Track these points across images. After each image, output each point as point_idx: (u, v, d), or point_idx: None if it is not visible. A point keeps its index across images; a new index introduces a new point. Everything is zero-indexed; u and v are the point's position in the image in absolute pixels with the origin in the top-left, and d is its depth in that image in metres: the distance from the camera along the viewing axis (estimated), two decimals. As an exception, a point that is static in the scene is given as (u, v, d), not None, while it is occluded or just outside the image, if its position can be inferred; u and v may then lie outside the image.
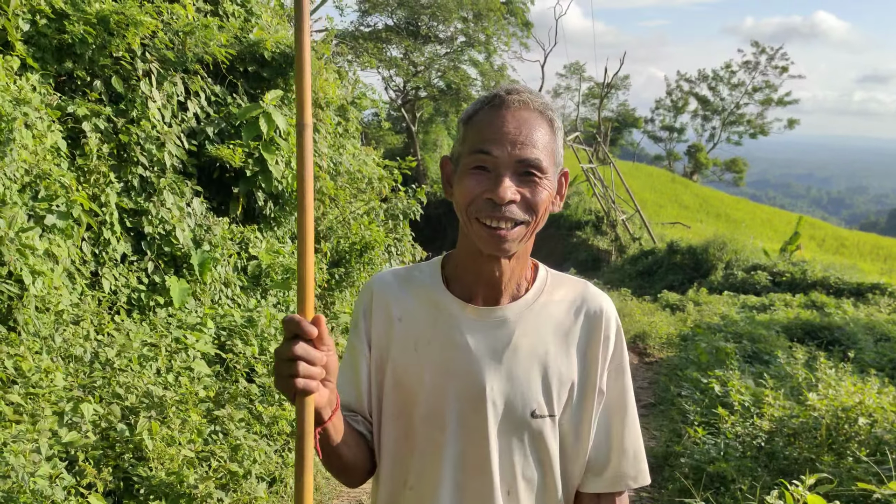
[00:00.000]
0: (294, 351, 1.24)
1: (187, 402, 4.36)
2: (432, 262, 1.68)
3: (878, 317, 15.18)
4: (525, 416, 1.53)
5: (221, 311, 6.35)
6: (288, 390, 1.26)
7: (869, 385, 5.45)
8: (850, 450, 4.53)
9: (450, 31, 37.92)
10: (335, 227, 8.89)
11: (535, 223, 1.49)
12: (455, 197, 1.52)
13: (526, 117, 1.48)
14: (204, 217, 7.01)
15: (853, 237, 40.21)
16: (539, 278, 1.63)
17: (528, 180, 1.46)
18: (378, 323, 1.61)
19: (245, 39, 7.88)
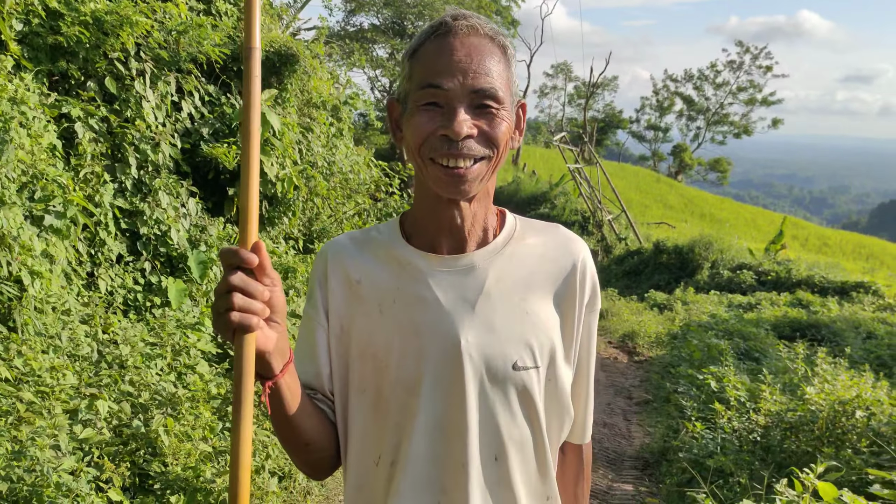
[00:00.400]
0: (231, 281, 1.10)
1: (198, 400, 4.40)
2: (390, 221, 1.54)
3: (863, 315, 15.34)
4: (506, 369, 1.39)
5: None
6: (225, 328, 1.11)
7: (864, 379, 5.54)
8: (849, 441, 4.61)
9: None
10: (328, 228, 8.91)
11: (497, 159, 1.37)
12: (406, 139, 1.40)
13: (476, 44, 1.35)
14: (199, 217, 7.00)
15: (836, 236, 40.59)
16: (507, 224, 1.51)
17: (485, 112, 1.34)
18: (335, 289, 1.46)
19: (238, 38, 7.87)
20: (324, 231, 8.91)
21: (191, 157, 7.19)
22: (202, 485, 3.81)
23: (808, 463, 3.54)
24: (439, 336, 1.39)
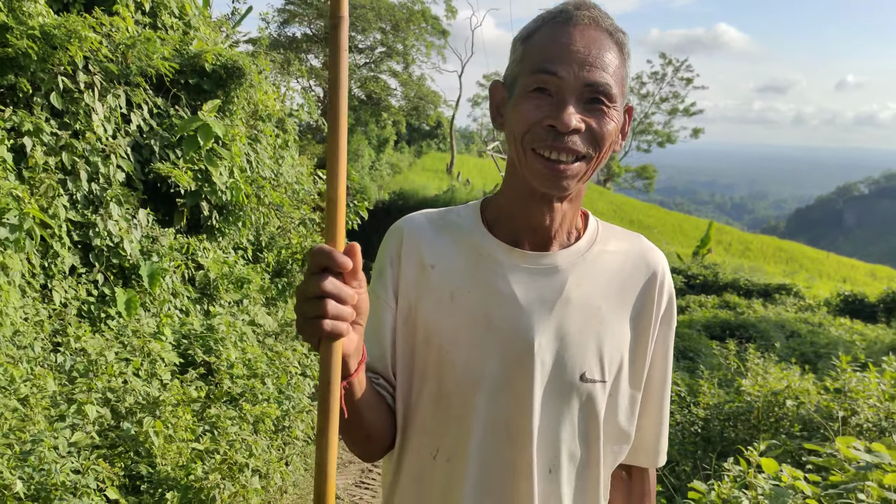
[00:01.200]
0: (323, 287, 1.03)
1: (180, 404, 4.54)
2: (470, 205, 1.48)
3: (787, 315, 16.09)
4: (574, 379, 1.33)
5: (179, 320, 6.45)
6: (313, 334, 1.05)
7: (792, 372, 5.97)
8: (783, 427, 4.99)
9: (369, 41, 38.10)
10: (276, 238, 9.03)
11: (598, 159, 1.30)
12: (509, 124, 1.33)
13: (596, 36, 1.28)
14: (150, 228, 7.06)
15: (757, 241, 41.92)
16: (590, 227, 1.45)
17: (595, 108, 1.27)
18: (407, 270, 1.39)
19: (185, 52, 7.97)
20: (272, 241, 9.01)
21: (142, 168, 7.24)
22: (192, 482, 3.96)
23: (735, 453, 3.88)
24: (512, 334, 1.33)
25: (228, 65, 8.02)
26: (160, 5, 8.08)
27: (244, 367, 5.65)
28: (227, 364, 5.62)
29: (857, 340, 12.82)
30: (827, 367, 8.41)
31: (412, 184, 35.19)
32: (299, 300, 1.06)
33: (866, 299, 18.15)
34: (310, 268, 1.06)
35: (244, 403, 5.08)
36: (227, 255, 8.03)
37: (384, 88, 38.10)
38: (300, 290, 1.06)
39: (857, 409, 4.64)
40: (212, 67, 7.90)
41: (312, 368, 6.57)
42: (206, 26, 9.10)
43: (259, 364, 5.78)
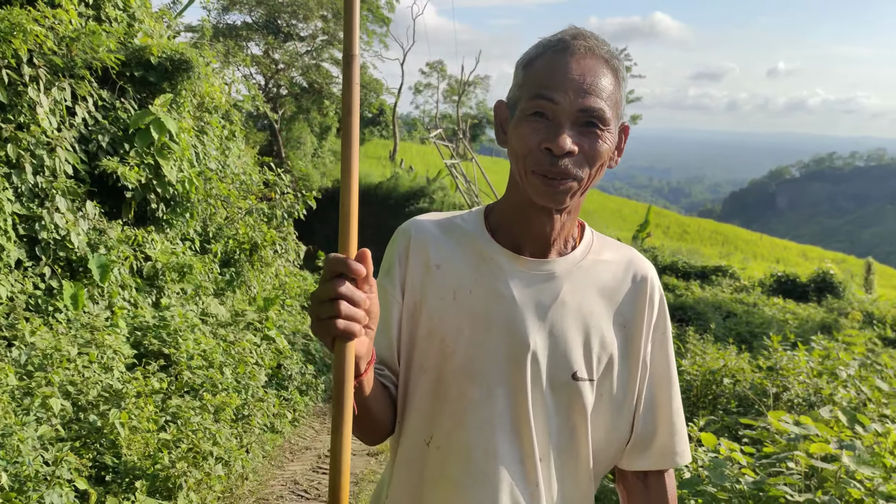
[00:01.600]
0: (338, 290, 1.10)
1: (142, 395, 4.60)
2: (474, 212, 1.58)
3: (723, 296, 16.59)
4: (566, 377, 1.44)
5: (131, 312, 6.46)
6: (328, 334, 1.12)
7: (729, 352, 6.26)
8: (720, 404, 5.26)
9: (310, 28, 37.73)
10: (224, 228, 9.04)
11: (591, 178, 1.40)
12: (511, 144, 1.44)
13: (591, 65, 1.38)
14: (98, 221, 7.04)
15: (694, 224, 42.83)
16: (586, 237, 1.55)
17: (589, 132, 1.37)
18: (414, 268, 1.49)
19: (130, 44, 7.93)
20: (220, 231, 9.03)
21: (89, 161, 7.22)
22: (160, 471, 4.05)
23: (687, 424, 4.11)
24: (510, 333, 1.42)
25: (175, 57, 8.00)
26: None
27: (201, 358, 5.72)
28: (186, 355, 5.69)
29: (789, 320, 13.33)
30: (761, 347, 8.78)
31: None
32: (314, 303, 1.13)
33: (798, 279, 18.79)
34: (325, 274, 1.13)
35: (205, 394, 5.17)
36: (175, 246, 8.04)
37: (326, 76, 37.74)
38: (315, 295, 1.13)
39: (788, 386, 4.93)
40: (157, 60, 7.88)
41: (264, 358, 6.65)
42: (151, 18, 9.02)
43: (215, 355, 5.85)
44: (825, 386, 4.72)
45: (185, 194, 7.99)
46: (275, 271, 10.06)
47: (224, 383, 5.52)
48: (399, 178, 33.37)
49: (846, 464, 2.27)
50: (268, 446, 5.76)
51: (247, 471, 5.03)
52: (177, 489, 4.11)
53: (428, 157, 43.22)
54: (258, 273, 9.43)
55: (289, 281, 10.45)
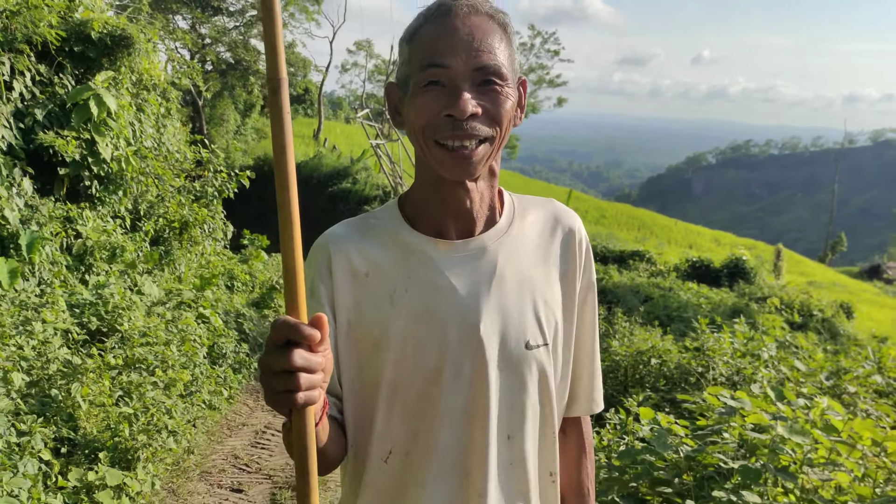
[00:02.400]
0: (293, 362, 1.00)
1: (97, 370, 4.67)
2: (387, 206, 1.50)
3: (640, 280, 17.15)
4: (520, 349, 1.39)
5: (69, 289, 6.43)
6: (285, 406, 1.04)
7: (654, 333, 6.61)
8: (648, 383, 5.58)
9: (240, 3, 36.99)
10: (155, 207, 9.00)
11: (501, 137, 1.34)
12: (409, 121, 1.36)
13: (478, 23, 1.32)
14: (31, 197, 6.98)
15: (611, 208, 43.73)
16: (506, 203, 1.50)
17: (489, 90, 1.30)
18: (341, 283, 1.39)
19: (71, 19, 7.81)
20: (151, 209, 8.99)
21: (24, 137, 7.13)
22: (119, 443, 4.16)
23: (617, 405, 4.40)
24: (458, 323, 1.36)
25: (115, 33, 7.92)
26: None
27: (147, 336, 5.78)
28: (138, 332, 5.74)
29: (703, 304, 13.89)
30: (679, 329, 9.19)
31: None
32: (265, 374, 1.03)
33: (711, 265, 19.51)
34: (273, 340, 1.02)
35: (156, 370, 5.25)
36: (106, 223, 8.00)
37: (253, 53, 37.10)
38: (264, 363, 1.03)
39: (712, 366, 5.27)
40: (98, 35, 7.79)
41: (202, 337, 6.70)
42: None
43: (158, 332, 5.91)
44: (747, 366, 5.08)
45: (120, 172, 7.93)
46: (201, 250, 10.04)
47: (172, 360, 5.61)
48: (323, 157, 33.10)
49: (780, 433, 2.54)
50: (208, 422, 5.87)
51: (192, 445, 5.17)
52: (135, 461, 4.28)
53: (353, 137, 42.97)
54: (186, 252, 9.43)
55: (213, 260, 10.41)
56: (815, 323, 13.53)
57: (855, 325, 15.49)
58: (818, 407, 2.82)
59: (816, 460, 2.62)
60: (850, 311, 16.22)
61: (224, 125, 37.06)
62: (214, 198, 10.30)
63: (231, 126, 37.80)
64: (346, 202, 29.64)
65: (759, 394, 3.43)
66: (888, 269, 44.46)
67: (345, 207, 29.59)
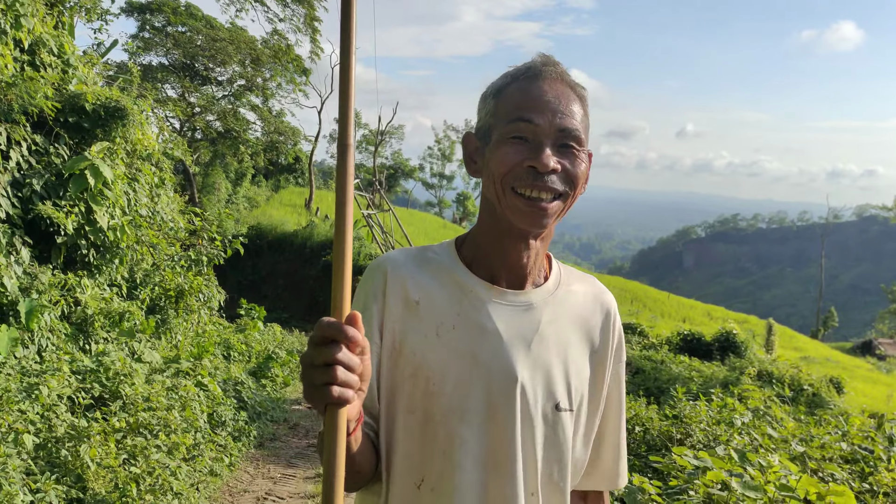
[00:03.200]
0: (335, 356, 1.07)
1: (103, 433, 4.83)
2: (445, 244, 1.55)
3: (632, 353, 17.29)
4: (549, 409, 1.44)
5: (69, 356, 6.54)
6: (322, 400, 1.08)
7: (639, 403, 6.79)
8: (630, 449, 5.73)
9: (228, 73, 37.36)
10: (151, 275, 9.16)
11: (573, 197, 1.42)
12: (489, 168, 1.43)
13: (562, 89, 1.42)
14: (29, 265, 7.07)
15: (604, 281, 43.01)
16: (554, 269, 1.57)
17: (568, 151, 1.39)
18: (393, 306, 1.43)
19: (65, 91, 8.02)
20: (147, 277, 9.15)
21: (22, 206, 7.26)
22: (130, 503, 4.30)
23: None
24: (498, 369, 1.40)
25: (109, 105, 8.12)
26: (39, 44, 8.08)
27: (147, 402, 5.91)
28: (141, 398, 5.87)
29: (694, 377, 14.00)
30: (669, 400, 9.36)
31: (270, 218, 34.61)
32: (306, 368, 1.09)
33: (703, 338, 19.66)
34: (316, 339, 1.09)
35: (160, 433, 5.38)
36: (104, 291, 8.09)
37: (243, 122, 37.44)
38: (307, 358, 1.09)
39: (690, 432, 5.44)
40: (92, 107, 7.97)
41: (201, 402, 6.80)
42: (84, 65, 9.13)
43: (160, 398, 6.05)
44: (722, 433, 5.25)
45: (116, 241, 8.05)
46: (197, 318, 10.10)
47: (175, 424, 5.75)
48: (315, 226, 33.17)
49: (735, 489, 2.70)
50: (210, 487, 5.95)
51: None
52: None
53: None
54: (182, 321, 9.50)
55: (209, 329, 10.49)
56: (806, 398, 13.63)
57: (847, 401, 15.58)
58: (775, 468, 3.00)
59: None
60: (840, 386, 16.33)
61: (216, 194, 37.09)
62: (205, 265, 10.43)
63: (223, 195, 37.89)
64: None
65: (724, 455, 3.59)
66: (879, 345, 44.66)
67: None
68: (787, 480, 2.91)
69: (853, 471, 4.46)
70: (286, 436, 8.46)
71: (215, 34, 35.03)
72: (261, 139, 40.45)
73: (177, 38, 35.14)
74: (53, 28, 8.58)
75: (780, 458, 3.62)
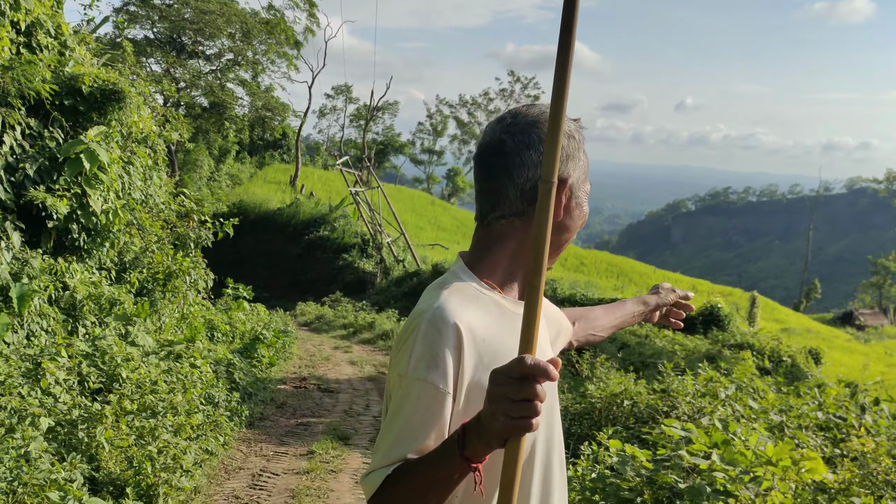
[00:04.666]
0: (539, 393, 1.15)
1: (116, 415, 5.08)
2: (466, 276, 1.61)
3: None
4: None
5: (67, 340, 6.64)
6: (520, 431, 1.17)
7: (628, 378, 7.09)
8: (620, 421, 6.02)
9: (216, 47, 36.86)
10: (140, 258, 9.25)
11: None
12: (574, 220, 1.65)
13: None
14: (20, 250, 7.09)
15: (591, 256, 44.23)
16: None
17: None
18: (468, 357, 1.45)
19: (62, 73, 8.00)
20: (136, 261, 9.23)
21: (14, 190, 7.26)
22: (142, 480, 4.62)
23: (591, 440, 4.83)
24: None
25: (106, 87, 8.12)
26: (36, 25, 8.02)
27: (150, 384, 6.13)
28: (149, 380, 6.13)
29: (678, 350, 14.34)
30: (653, 374, 9.68)
31: (253, 196, 34.31)
32: (503, 402, 1.16)
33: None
34: (513, 373, 1.17)
35: (168, 415, 5.62)
36: (93, 275, 8.15)
37: (230, 96, 36.95)
38: (504, 394, 1.17)
39: (676, 405, 5.73)
40: (89, 89, 7.97)
41: (198, 384, 6.98)
42: (81, 46, 9.04)
43: (160, 382, 6.27)
44: (707, 405, 5.55)
45: (108, 224, 8.07)
46: (182, 300, 10.12)
47: (182, 406, 5.99)
48: (300, 204, 32.82)
49: (714, 459, 2.98)
50: (206, 465, 6.19)
51: (200, 485, 5.62)
52: (156, 497, 4.78)
53: (330, 184, 42.84)
54: (168, 303, 9.56)
55: (194, 310, 10.55)
56: (785, 368, 13.99)
57: (823, 371, 15.97)
58: (753, 436, 3.27)
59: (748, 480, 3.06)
60: (818, 356, 16.71)
61: (198, 171, 36.77)
62: (193, 248, 10.51)
63: (205, 172, 37.53)
64: (324, 250, 29.78)
65: (709, 426, 3.86)
66: (860, 315, 45.37)
67: (322, 255, 29.45)
68: (765, 448, 3.19)
69: (827, 437, 4.81)
70: (274, 415, 8.66)
71: (204, 6, 34.62)
72: (248, 114, 40.09)
73: (163, 10, 34.73)
74: (51, 8, 8.49)
75: (758, 427, 3.92)
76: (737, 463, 3.06)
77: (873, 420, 4.92)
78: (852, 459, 4.34)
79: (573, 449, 5.86)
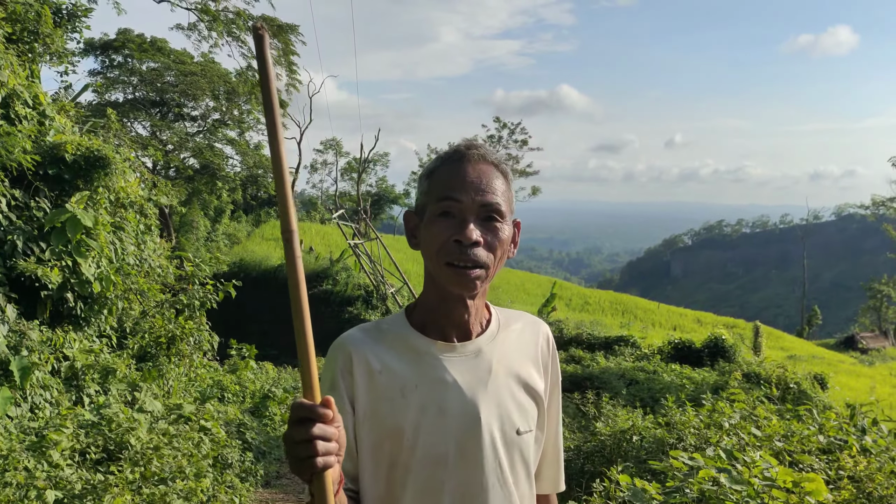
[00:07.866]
0: (311, 432, 1.24)
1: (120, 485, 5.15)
2: (396, 315, 1.77)
3: (626, 365, 17.69)
4: (513, 435, 1.66)
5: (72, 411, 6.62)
6: (308, 471, 1.26)
7: (636, 413, 7.25)
8: (629, 457, 6.15)
9: (201, 108, 36.86)
10: (140, 323, 9.20)
11: (496, 265, 1.64)
12: (424, 243, 1.66)
13: (485, 169, 1.64)
14: (17, 323, 7.03)
15: (595, 295, 44.15)
16: (493, 315, 1.79)
17: (490, 225, 1.61)
18: (359, 379, 1.63)
19: (43, 142, 7.99)
20: (136, 326, 9.17)
21: (3, 262, 7.23)
22: None
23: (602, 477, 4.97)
24: (463, 414, 1.62)
25: (89, 154, 8.08)
26: (12, 96, 8.01)
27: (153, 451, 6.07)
28: (152, 447, 6.09)
29: (686, 384, 14.36)
30: (662, 409, 9.82)
31: (252, 254, 34.02)
32: (289, 445, 1.28)
33: (693, 345, 20.00)
34: (293, 418, 1.27)
35: (177, 481, 5.65)
36: (93, 343, 8.08)
37: (220, 156, 36.85)
38: (288, 437, 1.28)
39: (682, 437, 5.89)
40: (72, 158, 7.93)
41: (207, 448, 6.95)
42: (61, 114, 9.01)
43: (171, 445, 6.25)
44: (712, 434, 5.69)
45: (104, 291, 8.00)
46: (188, 363, 10.05)
47: (189, 471, 5.95)
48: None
49: (724, 483, 3.11)
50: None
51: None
52: None
53: (329, 238, 42.66)
54: (173, 368, 9.47)
55: (201, 373, 10.48)
56: (792, 395, 14.03)
57: (831, 395, 15.99)
58: (758, 462, 3.42)
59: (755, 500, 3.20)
60: (823, 381, 16.76)
61: (194, 232, 36.59)
62: (198, 309, 10.35)
63: (202, 233, 37.54)
64: (329, 304, 29.47)
65: (714, 455, 4.00)
66: (862, 339, 45.34)
67: (327, 310, 29.22)
68: (769, 473, 3.34)
69: (830, 460, 4.95)
70: (291, 473, 8.52)
71: (185, 68, 34.78)
72: (240, 173, 40.09)
73: (143, 74, 34.70)
74: (26, 79, 8.53)
75: (763, 454, 4.06)
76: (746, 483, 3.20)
77: (873, 440, 5.06)
78: (849, 478, 4.46)
79: (585, 487, 6.00)
